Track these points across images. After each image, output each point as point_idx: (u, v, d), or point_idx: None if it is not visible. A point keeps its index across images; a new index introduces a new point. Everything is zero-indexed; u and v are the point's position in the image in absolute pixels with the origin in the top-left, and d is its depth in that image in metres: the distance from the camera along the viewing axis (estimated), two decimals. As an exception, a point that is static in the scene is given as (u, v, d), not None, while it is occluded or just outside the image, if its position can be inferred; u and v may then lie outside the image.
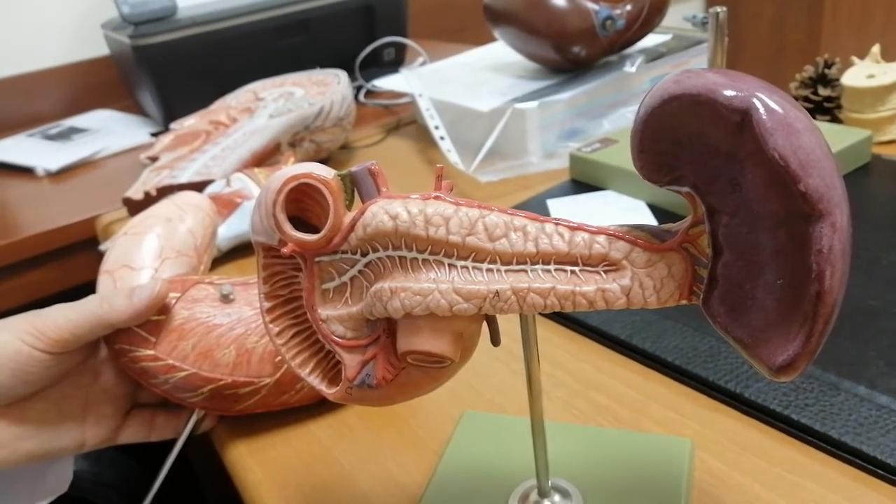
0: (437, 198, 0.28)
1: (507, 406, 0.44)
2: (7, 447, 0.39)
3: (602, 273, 0.27)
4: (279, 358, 0.42)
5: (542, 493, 0.35)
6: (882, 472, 0.35)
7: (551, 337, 0.49)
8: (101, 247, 0.71)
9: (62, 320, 0.38)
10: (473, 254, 0.27)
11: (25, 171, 0.98)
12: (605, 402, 0.43)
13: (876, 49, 0.69)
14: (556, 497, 0.35)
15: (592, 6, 0.77)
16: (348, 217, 0.29)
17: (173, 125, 0.90)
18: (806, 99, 0.72)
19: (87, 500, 0.66)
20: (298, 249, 0.29)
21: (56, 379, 0.40)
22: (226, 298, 0.44)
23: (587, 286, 0.27)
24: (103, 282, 0.48)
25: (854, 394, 0.39)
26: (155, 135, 1.03)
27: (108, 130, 1.09)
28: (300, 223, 0.29)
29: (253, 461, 0.43)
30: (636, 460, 0.37)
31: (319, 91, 0.84)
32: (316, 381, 0.31)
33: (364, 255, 0.29)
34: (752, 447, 0.38)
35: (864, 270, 0.48)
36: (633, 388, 0.44)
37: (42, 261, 0.82)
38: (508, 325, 0.36)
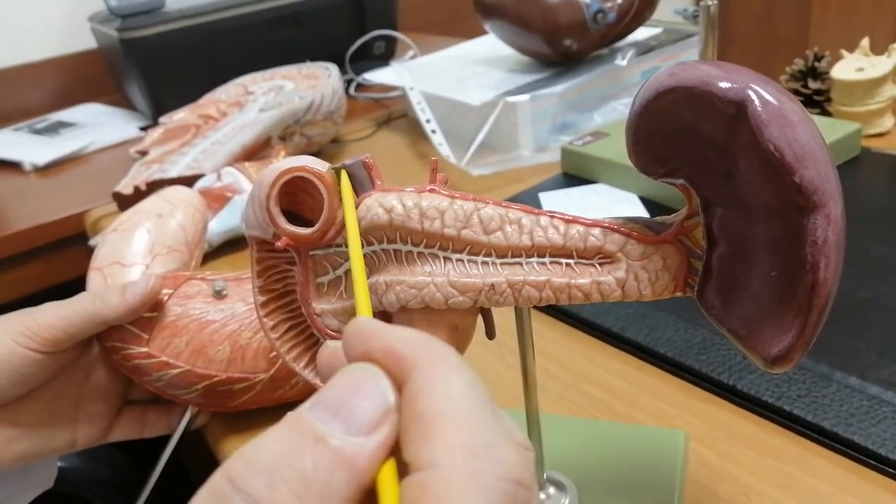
0: (432, 191, 0.28)
1: (500, 399, 0.44)
2: None
3: (597, 265, 0.27)
4: (274, 353, 0.42)
5: (537, 486, 0.35)
6: (873, 462, 0.35)
7: (544, 329, 0.49)
8: (92, 242, 0.70)
9: (55, 319, 0.38)
10: (468, 247, 0.27)
11: (12, 166, 0.97)
12: (598, 395, 0.43)
13: (865, 42, 0.69)
14: (551, 489, 0.35)
15: (583, -1, 0.77)
16: (342, 210, 0.28)
17: (162, 119, 0.89)
18: (796, 92, 0.72)
19: (80, 496, 0.65)
20: (292, 243, 0.29)
21: (48, 378, 0.40)
22: (219, 294, 0.43)
23: (582, 279, 0.27)
24: (94, 279, 0.48)
25: (846, 384, 0.39)
26: (144, 129, 1.03)
27: (97, 124, 1.08)
28: (294, 217, 0.29)
29: (247, 456, 0.43)
30: (630, 452, 0.37)
31: (310, 84, 0.84)
32: (311, 376, 0.31)
33: (359, 248, 0.29)
34: (745, 438, 0.38)
35: (855, 262, 0.49)
36: (627, 381, 0.44)
37: (30, 256, 0.81)
38: (501, 318, 0.36)
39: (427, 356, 0.18)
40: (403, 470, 0.17)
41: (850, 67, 0.68)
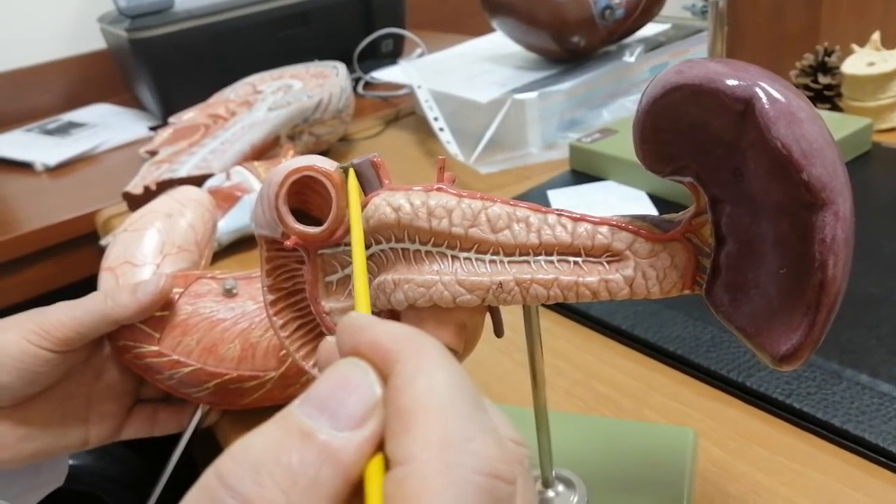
0: (439, 189, 0.28)
1: (509, 396, 0.44)
2: (11, 449, 0.39)
3: (605, 263, 0.27)
4: (284, 351, 0.42)
5: (546, 484, 0.35)
6: (884, 460, 0.35)
7: (553, 327, 0.49)
8: (102, 242, 0.71)
9: (67, 318, 0.38)
10: (476, 245, 0.27)
11: (24, 166, 0.98)
12: (607, 392, 0.43)
13: (876, 36, 0.69)
14: (560, 487, 0.35)
15: (591, -4, 0.76)
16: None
17: (172, 119, 0.90)
18: (806, 87, 0.72)
19: (92, 494, 0.66)
20: (301, 242, 0.29)
21: (60, 377, 0.40)
22: (229, 293, 0.44)
23: (590, 277, 0.27)
24: (105, 279, 0.48)
25: (856, 382, 0.39)
26: (153, 129, 1.03)
27: (107, 125, 1.09)
28: (302, 216, 0.29)
29: (257, 454, 0.43)
30: (639, 450, 0.37)
31: (318, 83, 0.84)
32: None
33: (367, 247, 0.29)
34: (755, 436, 0.38)
35: (865, 258, 0.48)
36: (636, 378, 0.44)
37: (42, 256, 0.82)
38: (510, 315, 0.37)
39: (410, 350, 0.18)
40: (391, 464, 0.17)
41: (860, 62, 0.67)
